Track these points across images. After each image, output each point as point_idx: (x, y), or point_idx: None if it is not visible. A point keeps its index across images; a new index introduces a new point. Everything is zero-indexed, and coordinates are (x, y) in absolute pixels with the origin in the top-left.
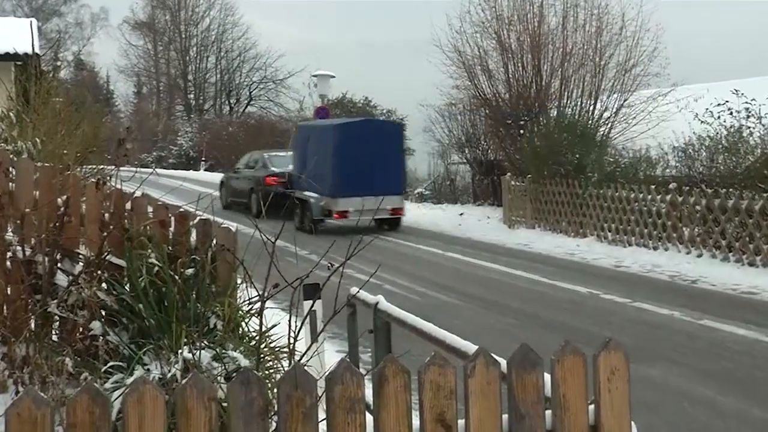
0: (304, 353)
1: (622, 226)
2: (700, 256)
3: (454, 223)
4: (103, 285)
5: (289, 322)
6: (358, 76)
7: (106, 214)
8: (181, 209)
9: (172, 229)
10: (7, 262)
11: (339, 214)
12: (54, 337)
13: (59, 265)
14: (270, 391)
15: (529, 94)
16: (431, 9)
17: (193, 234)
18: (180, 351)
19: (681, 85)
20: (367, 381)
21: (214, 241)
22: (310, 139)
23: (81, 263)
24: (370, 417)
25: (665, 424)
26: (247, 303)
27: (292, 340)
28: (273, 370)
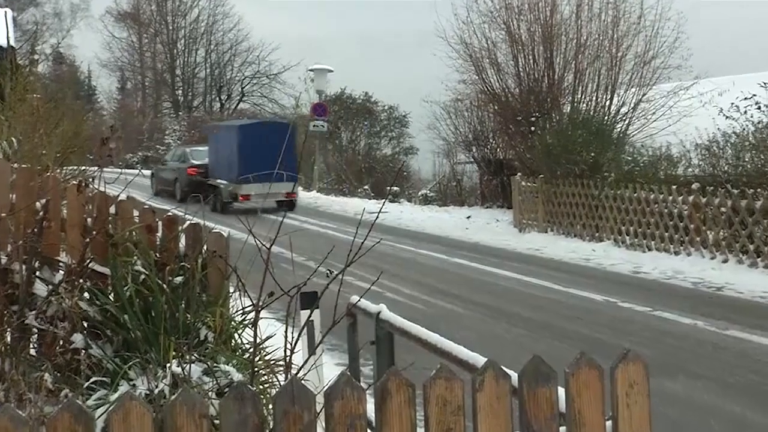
0: (302, 366)
1: (641, 229)
2: (725, 261)
3: (461, 227)
4: (86, 295)
5: (285, 333)
6: (358, 70)
7: (89, 219)
8: (169, 213)
9: (159, 234)
10: None
11: (243, 197)
12: (32, 351)
13: (38, 273)
14: (265, 408)
15: (540, 89)
16: None
17: (182, 239)
18: (168, 365)
19: (704, 78)
20: (369, 396)
21: (205, 246)
22: (220, 137)
23: (61, 271)
24: None
25: None
26: (240, 313)
27: (288, 353)
28: (268, 385)
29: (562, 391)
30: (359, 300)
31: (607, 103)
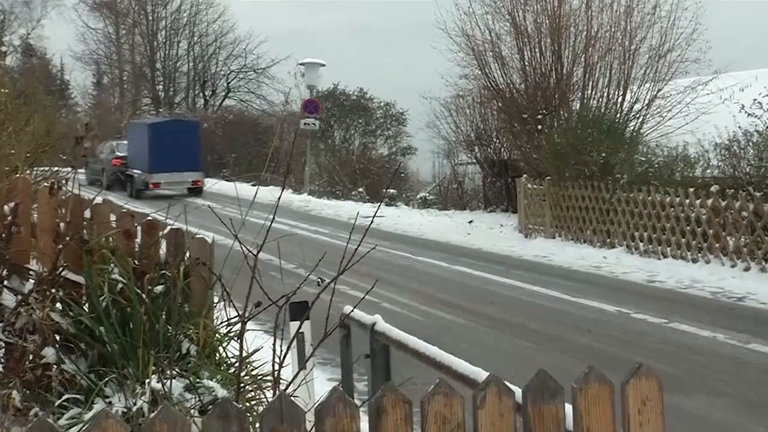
0: (291, 381)
1: (656, 235)
2: (747, 269)
3: (462, 232)
4: (58, 305)
5: (273, 346)
6: (352, 64)
7: (62, 224)
8: (148, 217)
9: (138, 240)
10: None
11: (153, 184)
12: None
13: (6, 282)
14: (252, 426)
15: (548, 84)
16: None
17: (162, 246)
18: (147, 381)
19: (724, 73)
20: (363, 413)
21: (188, 253)
22: (135, 132)
23: (32, 280)
24: None
25: None
26: (225, 324)
27: (276, 367)
28: (255, 402)
29: (569, 408)
30: (353, 310)
31: (620, 99)
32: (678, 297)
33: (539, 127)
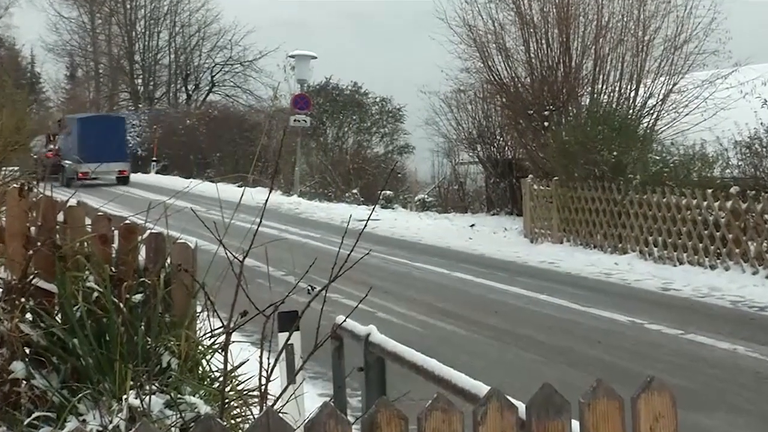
0: (279, 397)
1: (671, 239)
2: None
3: (464, 237)
4: (28, 316)
5: (260, 358)
6: (346, 56)
7: (32, 228)
8: (126, 221)
9: (115, 245)
10: None
11: (82, 174)
12: None
13: None
14: None
15: (555, 78)
16: None
17: (142, 251)
18: (125, 396)
19: (745, 65)
20: (356, 430)
21: (168, 260)
22: (68, 126)
23: None
24: None
25: None
26: (208, 336)
27: (264, 381)
28: (241, 419)
29: (576, 424)
30: (345, 320)
31: (632, 94)
32: (695, 306)
33: (546, 123)
